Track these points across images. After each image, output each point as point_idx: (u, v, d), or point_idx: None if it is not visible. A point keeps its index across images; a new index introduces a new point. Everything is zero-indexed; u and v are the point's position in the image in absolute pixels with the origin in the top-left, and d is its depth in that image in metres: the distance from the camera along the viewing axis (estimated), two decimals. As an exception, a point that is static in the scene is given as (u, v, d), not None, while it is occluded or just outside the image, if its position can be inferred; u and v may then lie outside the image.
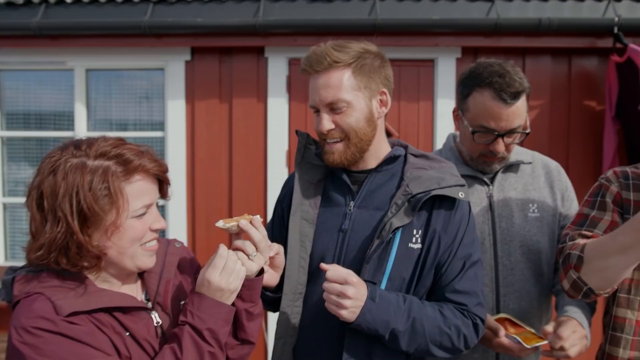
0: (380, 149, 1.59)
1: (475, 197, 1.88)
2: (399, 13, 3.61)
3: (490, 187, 1.89)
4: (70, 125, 4.16)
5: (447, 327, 1.46)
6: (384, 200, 1.53)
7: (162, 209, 4.06)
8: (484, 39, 3.66)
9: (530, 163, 1.95)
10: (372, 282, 1.46)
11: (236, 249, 1.29)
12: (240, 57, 3.96)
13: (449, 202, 1.51)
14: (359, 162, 1.57)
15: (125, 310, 1.21)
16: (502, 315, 1.79)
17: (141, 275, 1.36)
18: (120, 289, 1.27)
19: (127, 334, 1.20)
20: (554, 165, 1.98)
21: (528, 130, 1.81)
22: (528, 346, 1.62)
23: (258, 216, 1.33)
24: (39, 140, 4.25)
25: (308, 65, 1.49)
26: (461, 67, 3.82)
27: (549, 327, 1.66)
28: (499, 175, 1.90)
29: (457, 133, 2.02)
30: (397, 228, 1.45)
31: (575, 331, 1.64)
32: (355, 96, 1.48)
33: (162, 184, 1.30)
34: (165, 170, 1.28)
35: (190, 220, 4.03)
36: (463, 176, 1.82)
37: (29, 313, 1.10)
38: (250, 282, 1.30)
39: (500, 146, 1.77)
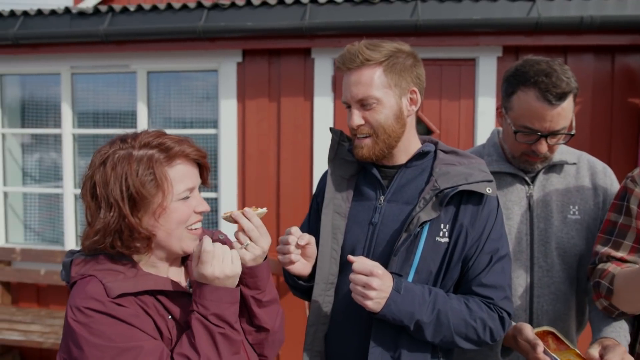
0: (410, 145, 1.61)
1: (515, 196, 1.84)
2: (441, 14, 3.67)
3: (531, 186, 1.84)
4: (133, 124, 4.47)
5: (473, 319, 1.47)
6: (413, 194, 1.56)
7: (214, 202, 4.32)
8: (525, 37, 3.68)
9: (574, 164, 1.87)
10: (398, 275, 1.49)
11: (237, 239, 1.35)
12: (288, 59, 4.13)
13: (476, 197, 1.53)
14: (389, 157, 1.60)
15: (168, 294, 1.27)
16: (546, 328, 1.68)
17: (185, 263, 1.43)
18: (167, 274, 1.34)
19: (170, 317, 1.26)
20: (601, 166, 1.90)
21: (573, 132, 1.74)
22: None
23: (264, 209, 1.39)
24: (106, 137, 4.52)
25: (342, 63, 1.54)
26: (502, 66, 3.86)
27: (594, 351, 1.55)
28: (541, 175, 1.85)
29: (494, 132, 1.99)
30: (425, 222, 1.48)
31: (624, 359, 1.51)
32: (386, 94, 1.51)
33: (203, 170, 1.36)
34: (205, 156, 1.33)
35: (241, 212, 4.26)
36: (504, 174, 1.85)
37: (82, 294, 1.16)
38: (251, 270, 1.33)
39: (542, 147, 1.72)
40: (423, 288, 1.49)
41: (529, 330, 1.60)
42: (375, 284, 1.41)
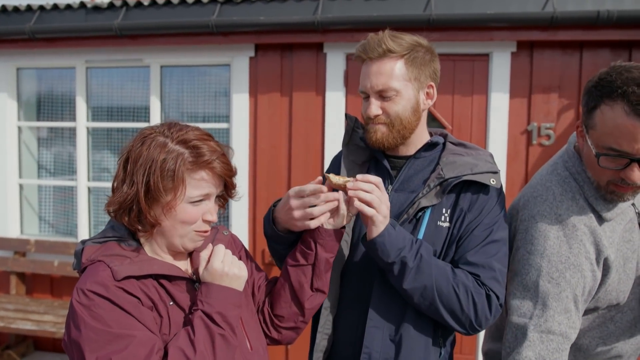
0: (421, 138, 1.66)
1: (620, 218, 1.58)
2: (454, 8, 3.65)
3: (636, 205, 1.63)
4: (146, 117, 4.51)
5: (455, 284, 1.47)
6: (419, 183, 1.62)
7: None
8: (540, 32, 3.63)
9: None
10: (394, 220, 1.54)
11: (353, 196, 1.40)
12: (300, 53, 4.14)
13: (478, 185, 1.57)
14: (399, 148, 1.65)
15: (171, 279, 1.29)
16: None
17: (191, 255, 1.44)
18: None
19: (171, 302, 1.27)
20: None
21: None
22: None
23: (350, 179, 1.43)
24: (119, 131, 4.65)
25: (363, 51, 1.57)
26: (516, 61, 3.82)
27: None
28: None
29: (571, 141, 1.70)
30: (424, 208, 1.54)
31: None
32: (405, 86, 1.55)
33: (227, 185, 1.37)
34: (232, 175, 1.34)
35: (251, 207, 4.28)
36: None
37: (90, 278, 1.19)
38: (338, 232, 1.46)
39: (634, 174, 1.40)
40: (412, 236, 1.52)
41: None
42: (377, 194, 1.42)
